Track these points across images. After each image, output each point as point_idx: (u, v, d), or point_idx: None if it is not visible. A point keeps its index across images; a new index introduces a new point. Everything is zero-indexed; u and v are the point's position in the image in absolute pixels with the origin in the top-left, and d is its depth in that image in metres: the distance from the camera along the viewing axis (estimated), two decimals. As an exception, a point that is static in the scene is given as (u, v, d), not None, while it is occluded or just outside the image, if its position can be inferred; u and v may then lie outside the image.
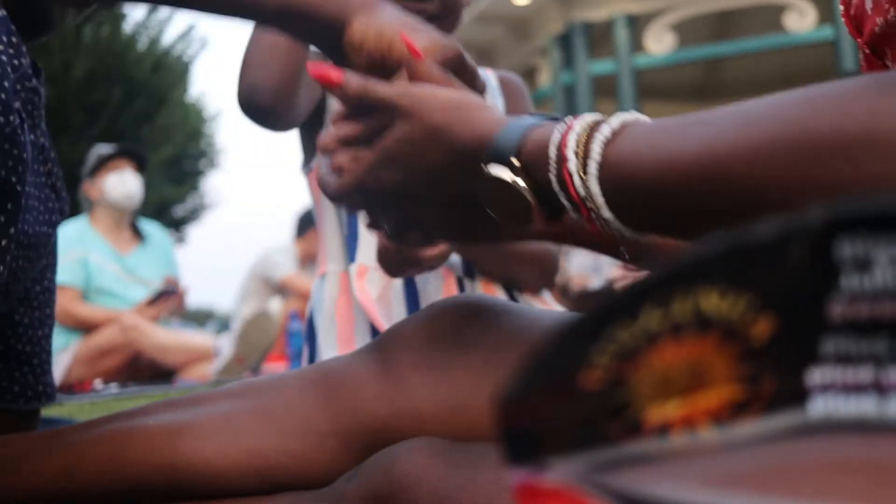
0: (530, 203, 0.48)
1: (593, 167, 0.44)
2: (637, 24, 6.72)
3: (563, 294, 3.29)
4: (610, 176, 0.44)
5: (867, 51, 0.52)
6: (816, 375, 0.18)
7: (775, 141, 0.37)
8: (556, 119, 0.49)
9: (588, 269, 3.44)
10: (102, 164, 2.91)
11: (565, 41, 6.94)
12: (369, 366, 0.59)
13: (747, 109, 0.40)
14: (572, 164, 0.45)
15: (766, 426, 0.18)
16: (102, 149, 3.00)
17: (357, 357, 0.61)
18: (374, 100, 0.53)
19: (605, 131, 0.45)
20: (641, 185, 0.43)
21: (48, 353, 0.83)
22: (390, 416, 0.56)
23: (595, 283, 3.35)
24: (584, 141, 0.45)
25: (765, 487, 0.17)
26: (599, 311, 0.18)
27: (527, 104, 1.23)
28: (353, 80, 0.54)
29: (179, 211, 11.99)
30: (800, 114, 0.37)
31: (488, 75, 1.20)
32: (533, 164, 0.48)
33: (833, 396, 0.18)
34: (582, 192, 0.45)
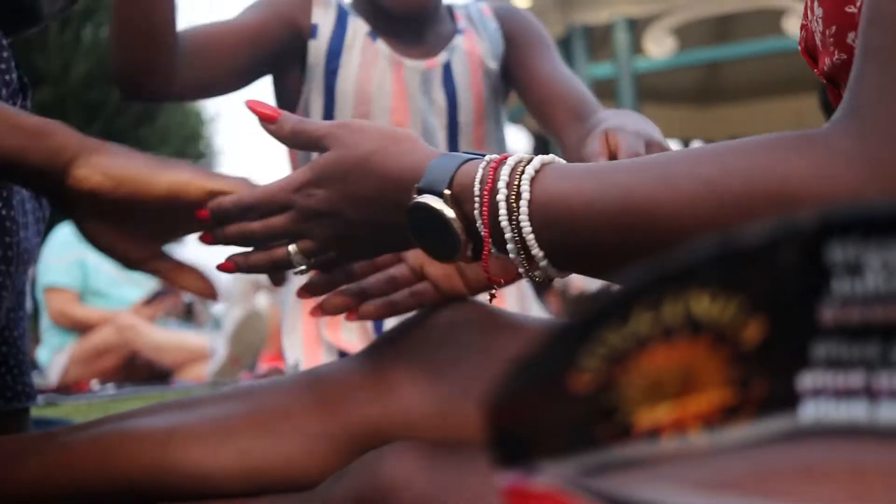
0: (459, 237, 0.49)
1: (524, 205, 0.45)
2: (637, 27, 6.72)
3: (562, 296, 3.29)
4: (538, 214, 0.45)
5: (824, 80, 0.53)
6: (807, 380, 0.18)
7: (694, 198, 0.41)
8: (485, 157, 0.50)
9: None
10: None
11: (565, 44, 6.94)
12: (361, 370, 0.59)
13: (667, 163, 0.43)
14: (502, 198, 0.46)
15: (756, 430, 0.18)
16: None
17: (349, 362, 0.61)
18: (309, 134, 0.55)
19: (530, 172, 0.46)
20: (567, 225, 0.44)
21: (24, 353, 0.82)
22: (381, 419, 0.56)
23: (593, 285, 3.35)
24: (514, 178, 0.46)
25: (755, 491, 0.17)
26: (589, 313, 0.18)
27: (537, 36, 1.08)
28: (287, 118, 0.56)
29: (178, 212, 11.96)
30: (715, 173, 0.41)
31: (485, 17, 1.08)
32: (463, 196, 0.48)
33: (824, 401, 0.18)
34: (507, 226, 0.46)
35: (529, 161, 0.47)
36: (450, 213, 0.48)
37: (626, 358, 0.18)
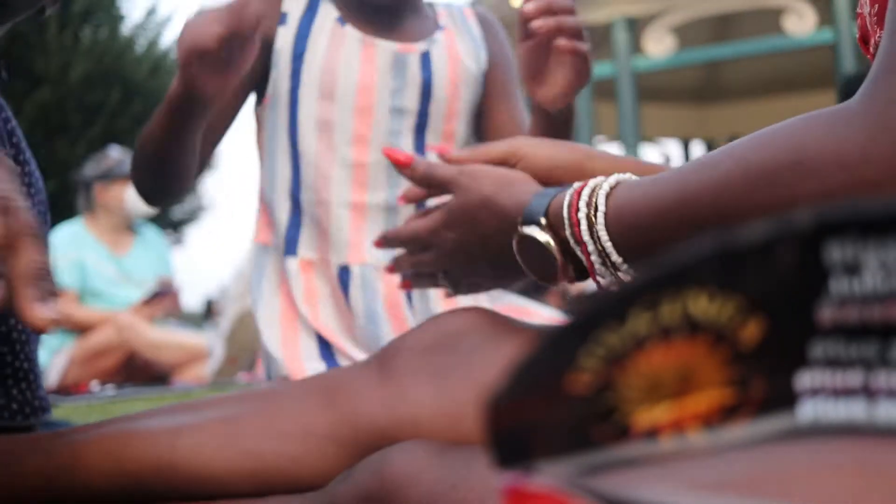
0: (557, 259, 0.55)
1: (601, 217, 0.52)
2: (636, 26, 6.72)
3: (562, 296, 3.29)
4: (613, 223, 0.51)
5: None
6: (806, 379, 0.18)
7: (728, 176, 0.46)
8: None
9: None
10: (124, 176, 2.89)
11: (564, 44, 6.93)
12: (370, 373, 0.60)
13: (713, 153, 0.49)
14: (583, 215, 0.53)
15: (755, 430, 0.18)
16: (120, 156, 2.97)
17: (359, 365, 0.62)
18: (438, 178, 0.63)
19: (605, 188, 0.53)
20: (639, 228, 0.50)
21: (38, 366, 0.82)
22: (390, 423, 0.57)
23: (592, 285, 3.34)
24: (592, 197, 0.53)
25: (754, 491, 0.17)
26: (587, 314, 0.18)
27: (505, 44, 1.12)
28: (419, 163, 0.64)
29: (177, 212, 11.99)
30: (747, 151, 0.46)
31: (468, 21, 1.09)
32: (557, 222, 0.55)
33: (822, 400, 0.18)
34: (588, 239, 0.52)
35: (606, 180, 0.53)
36: (547, 238, 0.54)
37: (625, 358, 0.18)
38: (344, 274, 1.00)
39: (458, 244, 0.62)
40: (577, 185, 0.54)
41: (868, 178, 0.40)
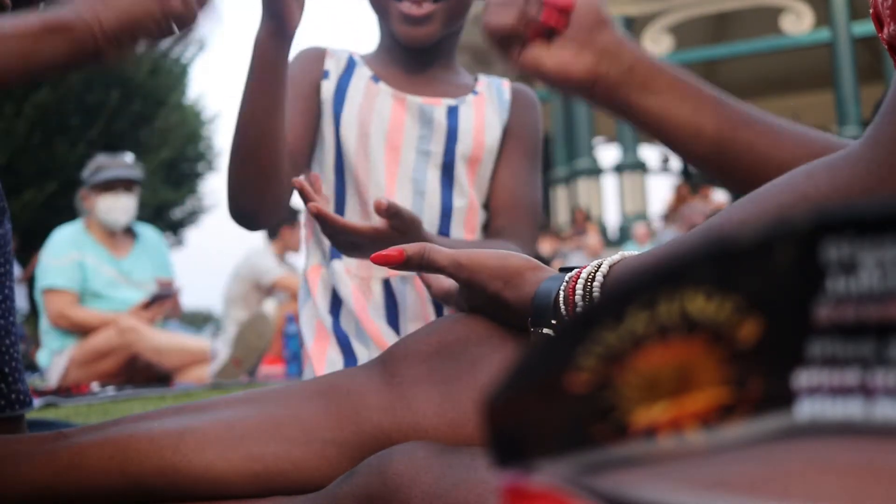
0: None
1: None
2: (634, 26, 6.71)
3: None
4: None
5: (886, 46, 0.57)
6: (803, 378, 0.18)
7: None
8: (571, 269, 0.58)
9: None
10: (102, 184, 2.89)
11: (563, 43, 6.93)
12: (374, 378, 0.60)
13: (713, 220, 0.48)
14: (579, 299, 0.54)
15: (753, 429, 0.18)
16: (103, 162, 2.97)
17: (363, 369, 0.62)
18: (436, 267, 0.62)
19: (599, 277, 0.53)
20: None
21: (18, 360, 0.82)
22: (393, 428, 0.57)
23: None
24: (586, 291, 0.53)
25: (752, 490, 0.17)
26: (586, 313, 0.18)
27: (531, 117, 1.20)
28: (412, 256, 0.62)
29: (177, 213, 11.98)
30: (744, 212, 0.45)
31: (503, 88, 1.20)
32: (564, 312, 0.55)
33: (820, 399, 0.18)
34: None
35: (598, 267, 0.54)
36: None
37: (623, 357, 0.18)
38: (387, 286, 1.12)
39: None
40: (569, 276, 0.56)
41: None
